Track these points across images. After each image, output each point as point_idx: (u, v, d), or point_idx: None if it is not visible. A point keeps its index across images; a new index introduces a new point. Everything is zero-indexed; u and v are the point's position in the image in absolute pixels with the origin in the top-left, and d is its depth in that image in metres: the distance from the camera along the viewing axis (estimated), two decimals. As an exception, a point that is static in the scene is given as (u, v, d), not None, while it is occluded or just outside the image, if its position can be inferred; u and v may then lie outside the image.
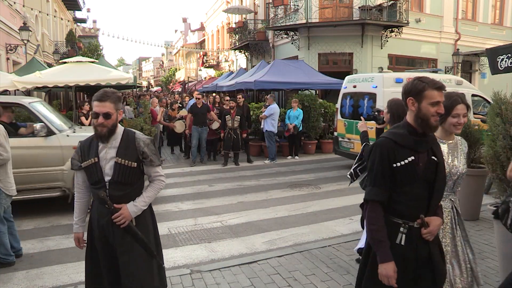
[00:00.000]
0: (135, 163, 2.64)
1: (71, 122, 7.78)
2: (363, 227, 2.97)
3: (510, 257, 3.40)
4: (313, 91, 15.13)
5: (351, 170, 3.95)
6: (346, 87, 9.91)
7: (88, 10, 48.38)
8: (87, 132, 6.69)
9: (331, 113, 12.71)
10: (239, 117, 10.22)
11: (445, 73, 18.83)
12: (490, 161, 3.62)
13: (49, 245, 5.13)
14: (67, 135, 6.32)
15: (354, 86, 9.53)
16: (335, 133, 10.22)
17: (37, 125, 6.04)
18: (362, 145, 3.87)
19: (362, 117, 4.19)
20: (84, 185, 2.76)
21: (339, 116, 9.96)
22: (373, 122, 4.15)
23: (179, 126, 11.49)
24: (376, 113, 4.06)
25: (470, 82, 20.61)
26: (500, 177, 3.56)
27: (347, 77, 10.20)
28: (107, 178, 2.62)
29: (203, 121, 10.51)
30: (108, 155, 2.63)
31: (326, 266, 4.22)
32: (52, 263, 4.55)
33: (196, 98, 10.80)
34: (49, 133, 6.15)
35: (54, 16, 21.98)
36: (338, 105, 10.10)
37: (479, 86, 20.42)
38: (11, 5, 14.32)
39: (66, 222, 6.04)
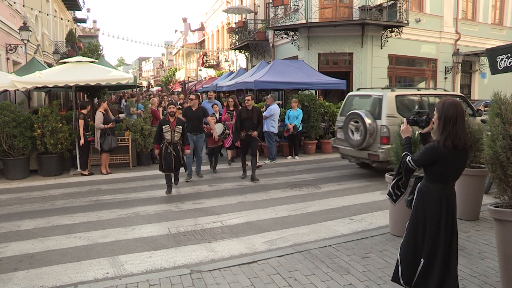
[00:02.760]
0: None
1: None
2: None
3: (510, 257, 3.40)
4: (313, 91, 15.13)
5: (389, 189, 3.51)
6: None
7: (88, 10, 48.39)
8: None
9: (331, 113, 12.72)
10: (180, 127, 7.73)
11: (445, 73, 18.89)
12: (490, 161, 3.61)
13: (49, 245, 5.13)
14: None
15: None
16: None
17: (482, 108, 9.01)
18: (402, 154, 3.27)
19: (404, 120, 3.45)
20: None
21: None
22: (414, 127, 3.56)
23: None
24: (416, 116, 3.41)
25: (470, 82, 20.68)
26: (500, 177, 3.55)
27: None
28: None
29: (198, 127, 9.04)
30: None
31: (326, 266, 4.22)
32: (52, 263, 4.55)
33: (189, 99, 9.45)
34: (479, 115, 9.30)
35: (54, 16, 21.98)
36: None
37: (479, 86, 20.46)
38: (11, 5, 14.32)
39: (66, 222, 6.05)
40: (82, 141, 9.29)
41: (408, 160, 3.13)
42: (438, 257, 3.02)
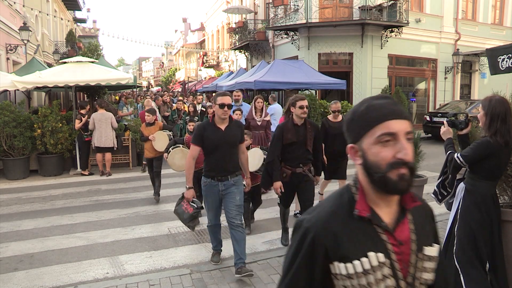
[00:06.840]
0: None
1: None
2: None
3: (510, 257, 3.40)
4: (313, 91, 15.12)
5: (435, 188, 3.44)
6: None
7: (88, 10, 48.38)
8: None
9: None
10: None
11: (445, 73, 18.91)
12: (490, 161, 3.62)
13: (49, 245, 5.13)
14: None
15: None
16: None
17: None
18: (446, 154, 3.21)
19: (445, 122, 3.40)
20: None
21: None
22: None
23: (160, 140, 6.86)
24: (454, 118, 3.42)
25: (470, 82, 20.69)
26: (500, 177, 3.56)
27: None
28: None
29: (235, 162, 4.22)
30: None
31: (326, 266, 4.21)
32: (52, 263, 4.55)
33: (209, 106, 5.29)
34: None
35: (54, 16, 21.97)
36: None
37: (479, 86, 20.46)
38: (11, 5, 14.32)
39: (66, 222, 6.05)
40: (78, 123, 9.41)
41: (457, 156, 3.06)
42: (500, 255, 3.04)
